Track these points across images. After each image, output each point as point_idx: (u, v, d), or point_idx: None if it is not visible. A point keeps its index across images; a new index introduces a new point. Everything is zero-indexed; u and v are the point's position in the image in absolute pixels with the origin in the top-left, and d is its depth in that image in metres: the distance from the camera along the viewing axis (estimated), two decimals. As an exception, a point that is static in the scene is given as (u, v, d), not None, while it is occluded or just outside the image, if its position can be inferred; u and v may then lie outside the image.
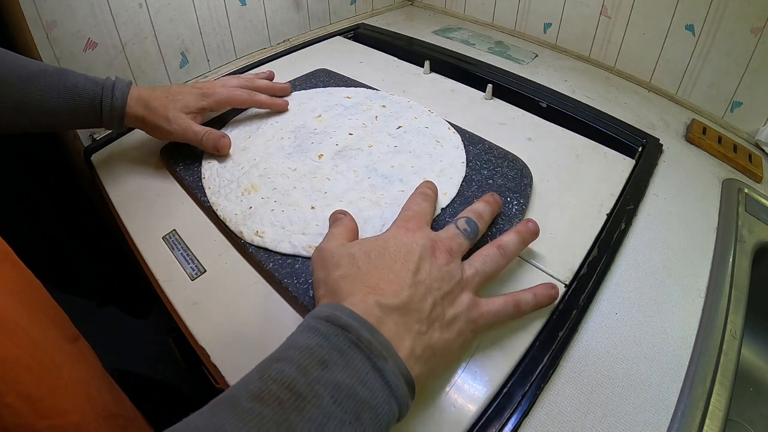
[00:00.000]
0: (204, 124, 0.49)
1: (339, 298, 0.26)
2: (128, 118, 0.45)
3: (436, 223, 0.40)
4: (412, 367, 0.24)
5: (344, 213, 0.37)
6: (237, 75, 0.56)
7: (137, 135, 0.54)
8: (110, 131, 0.55)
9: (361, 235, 0.39)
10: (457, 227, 0.34)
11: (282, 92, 0.56)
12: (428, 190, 0.38)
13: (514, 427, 0.29)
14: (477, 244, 0.35)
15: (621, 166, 0.51)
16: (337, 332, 0.23)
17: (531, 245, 0.40)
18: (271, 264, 0.37)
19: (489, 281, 0.33)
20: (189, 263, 0.39)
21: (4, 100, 0.39)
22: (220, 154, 0.47)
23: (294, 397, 0.20)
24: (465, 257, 0.33)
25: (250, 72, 0.57)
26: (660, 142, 0.55)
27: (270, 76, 0.58)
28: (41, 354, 0.29)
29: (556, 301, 0.36)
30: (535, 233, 0.36)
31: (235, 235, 0.40)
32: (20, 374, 0.26)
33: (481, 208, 0.36)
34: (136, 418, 0.39)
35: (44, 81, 0.40)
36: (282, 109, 0.54)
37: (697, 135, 0.56)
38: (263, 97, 0.53)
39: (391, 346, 0.23)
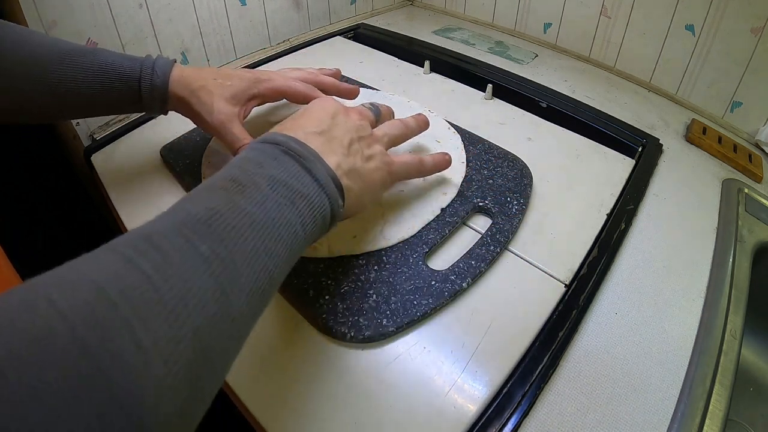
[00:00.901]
0: None
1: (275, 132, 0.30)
2: (171, 100, 0.40)
3: (436, 223, 0.40)
4: (339, 177, 0.29)
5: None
6: (300, 68, 0.48)
7: (137, 135, 0.54)
8: (112, 130, 0.55)
9: (359, 235, 0.39)
10: (363, 105, 0.39)
11: (348, 94, 0.47)
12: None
13: (514, 427, 0.29)
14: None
15: (621, 166, 0.51)
16: (271, 146, 0.27)
17: (531, 245, 0.40)
18: (271, 264, 0.37)
19: (394, 144, 0.39)
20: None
21: (35, 82, 0.36)
22: None
23: (236, 185, 0.24)
24: None
25: (314, 68, 0.49)
26: (660, 142, 0.55)
27: (336, 74, 0.49)
28: None
29: (556, 302, 0.36)
30: (425, 121, 0.43)
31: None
32: None
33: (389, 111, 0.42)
34: None
35: (76, 60, 0.37)
36: (354, 95, 0.48)
37: (697, 135, 0.56)
38: (329, 80, 0.46)
39: (318, 154, 0.28)
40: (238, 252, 0.21)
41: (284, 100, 0.45)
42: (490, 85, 0.61)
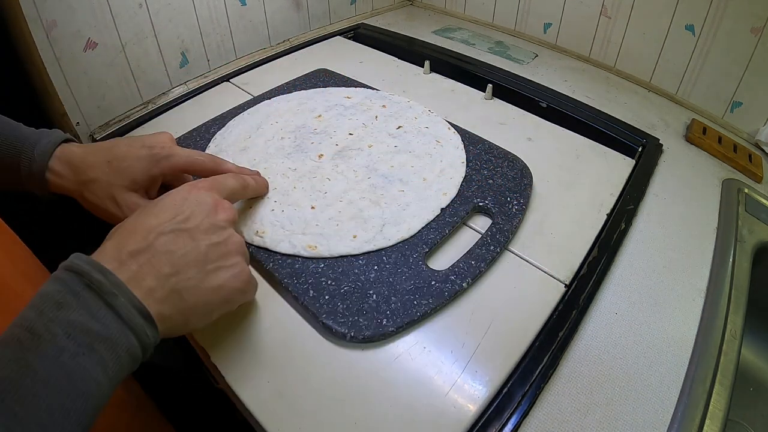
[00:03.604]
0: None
1: (100, 248, 0.28)
2: (53, 186, 0.35)
3: (436, 223, 0.40)
4: (150, 306, 0.26)
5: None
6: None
7: (137, 134, 0.54)
8: (112, 130, 0.55)
9: (360, 235, 0.39)
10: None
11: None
12: (250, 180, 0.39)
13: (514, 427, 0.29)
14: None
15: (621, 166, 0.51)
16: (73, 277, 0.24)
17: (531, 245, 0.40)
18: (271, 264, 0.37)
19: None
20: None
21: None
22: None
23: (31, 336, 0.22)
24: None
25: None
26: (660, 142, 0.55)
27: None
28: None
29: (556, 302, 0.36)
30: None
31: (235, 235, 0.40)
32: None
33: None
34: (146, 404, 0.39)
35: None
36: (260, 186, 0.42)
37: (697, 135, 0.56)
38: (231, 164, 0.40)
39: (124, 285, 0.25)
40: (33, 421, 0.20)
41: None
42: (490, 85, 0.61)
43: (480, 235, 0.40)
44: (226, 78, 0.65)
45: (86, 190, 0.35)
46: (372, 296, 0.35)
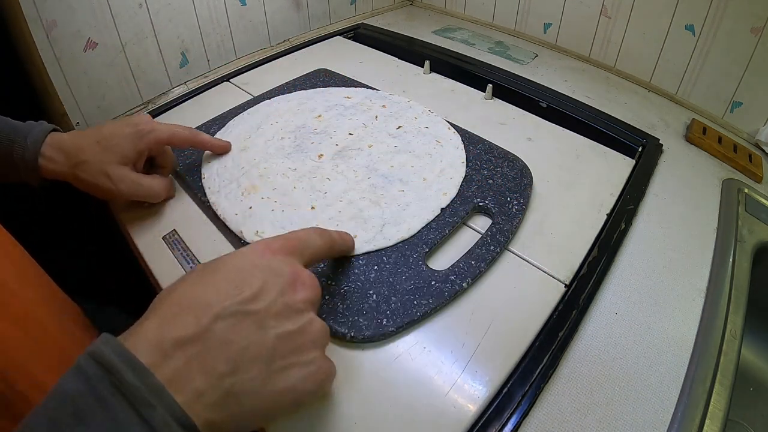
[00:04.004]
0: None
1: (137, 324, 0.22)
2: (46, 171, 0.37)
3: (436, 223, 0.40)
4: (197, 413, 0.20)
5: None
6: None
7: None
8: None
9: (360, 235, 0.39)
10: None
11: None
12: (336, 234, 0.33)
13: (514, 427, 0.29)
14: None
15: (621, 166, 0.50)
16: (101, 375, 0.19)
17: (531, 245, 0.40)
18: (271, 264, 0.37)
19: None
20: (189, 263, 0.39)
21: None
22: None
23: None
24: None
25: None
26: (660, 142, 0.55)
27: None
28: (51, 341, 0.29)
29: (556, 302, 0.36)
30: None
31: (235, 235, 0.40)
32: (29, 362, 0.26)
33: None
34: None
35: None
36: (225, 150, 0.48)
37: (697, 135, 0.56)
38: (206, 136, 0.46)
39: (165, 391, 0.20)
40: None
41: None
42: (490, 85, 0.61)
43: (480, 235, 0.40)
44: (226, 78, 0.65)
45: (79, 171, 0.37)
46: (372, 296, 0.35)
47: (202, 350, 0.21)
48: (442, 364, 0.32)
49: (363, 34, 0.81)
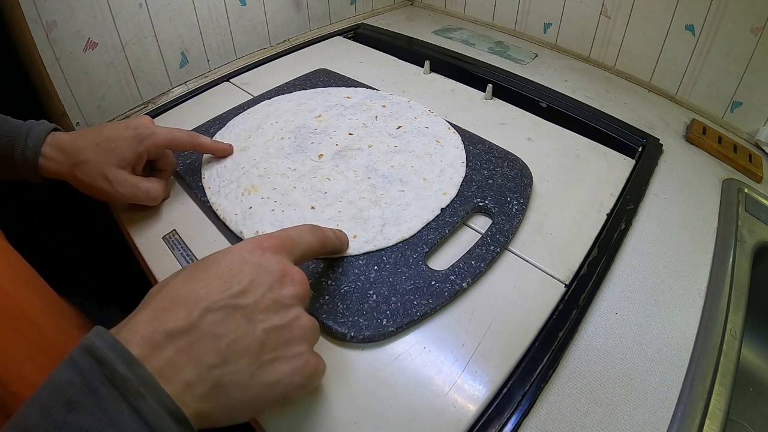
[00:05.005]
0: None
1: (129, 318, 0.23)
2: (46, 171, 0.37)
3: (436, 223, 0.40)
4: (187, 404, 0.21)
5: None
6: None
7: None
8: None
9: (360, 235, 0.39)
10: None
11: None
12: (330, 232, 0.34)
13: (514, 427, 0.29)
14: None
15: (621, 166, 0.51)
16: (93, 367, 0.20)
17: (531, 245, 0.40)
18: (271, 264, 0.37)
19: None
20: (189, 263, 0.39)
21: None
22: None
23: None
24: None
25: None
26: (660, 142, 0.55)
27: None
28: (46, 342, 0.29)
29: (556, 302, 0.36)
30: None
31: (235, 235, 0.40)
32: (24, 363, 0.26)
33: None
34: None
35: None
36: (226, 153, 0.47)
37: (697, 135, 0.56)
38: (206, 139, 0.46)
39: (155, 381, 0.20)
40: None
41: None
42: (490, 85, 0.61)
43: (480, 235, 0.40)
44: (226, 78, 0.65)
45: (78, 171, 0.37)
46: (372, 296, 0.35)
47: (192, 342, 0.22)
48: (442, 364, 0.32)
49: (363, 34, 0.81)
